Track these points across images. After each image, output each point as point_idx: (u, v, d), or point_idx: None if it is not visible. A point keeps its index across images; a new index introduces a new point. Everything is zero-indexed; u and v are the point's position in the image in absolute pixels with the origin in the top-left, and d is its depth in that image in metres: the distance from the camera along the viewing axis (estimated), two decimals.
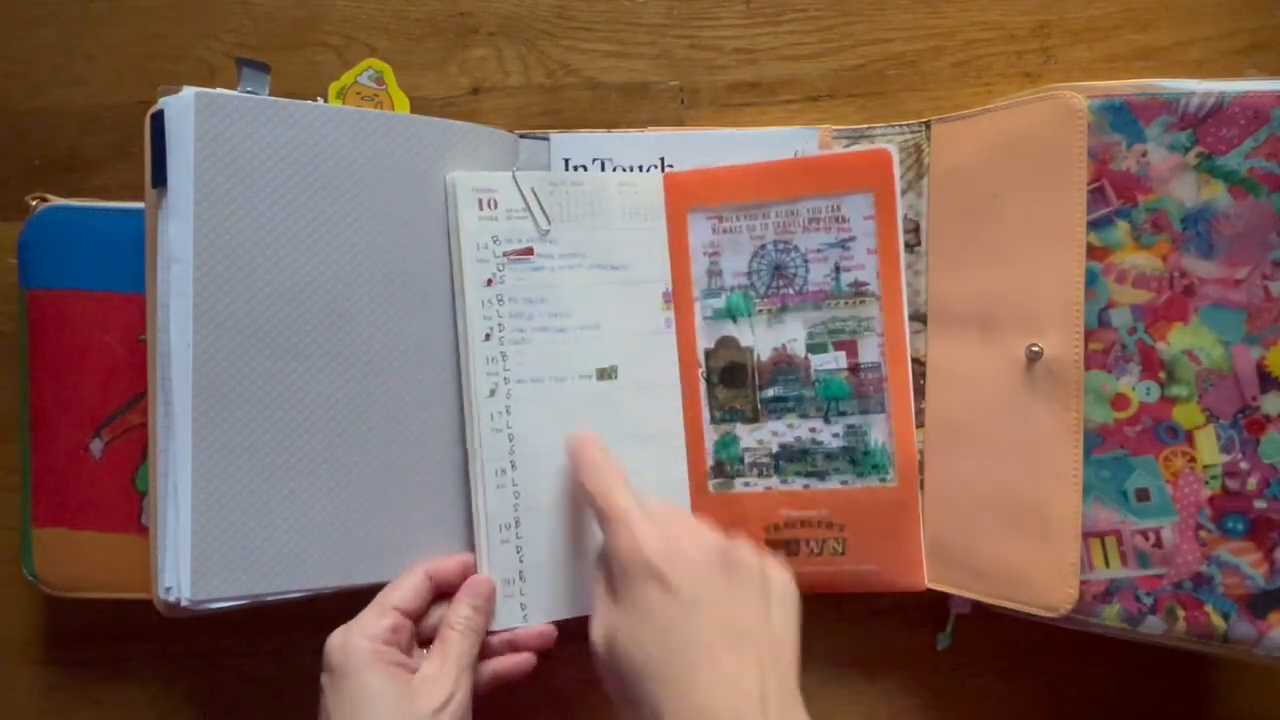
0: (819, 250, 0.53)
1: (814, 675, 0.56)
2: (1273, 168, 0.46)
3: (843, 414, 0.53)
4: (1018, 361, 0.49)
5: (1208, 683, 0.57)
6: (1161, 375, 0.48)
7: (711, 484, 0.55)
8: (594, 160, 0.56)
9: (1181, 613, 0.47)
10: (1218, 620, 0.47)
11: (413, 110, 0.56)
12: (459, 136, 0.52)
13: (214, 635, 0.57)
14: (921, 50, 0.57)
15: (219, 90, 0.46)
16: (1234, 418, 0.47)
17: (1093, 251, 0.48)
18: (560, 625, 0.52)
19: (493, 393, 0.51)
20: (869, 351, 0.53)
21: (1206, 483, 0.47)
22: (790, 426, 0.54)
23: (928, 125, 0.54)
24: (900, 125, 0.55)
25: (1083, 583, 0.48)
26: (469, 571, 0.50)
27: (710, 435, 0.55)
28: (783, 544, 0.54)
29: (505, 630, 0.51)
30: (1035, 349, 0.49)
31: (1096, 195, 0.48)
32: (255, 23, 0.57)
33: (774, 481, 0.54)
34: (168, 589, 0.47)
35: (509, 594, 0.51)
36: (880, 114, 0.57)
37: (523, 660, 0.51)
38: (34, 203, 0.53)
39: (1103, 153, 0.48)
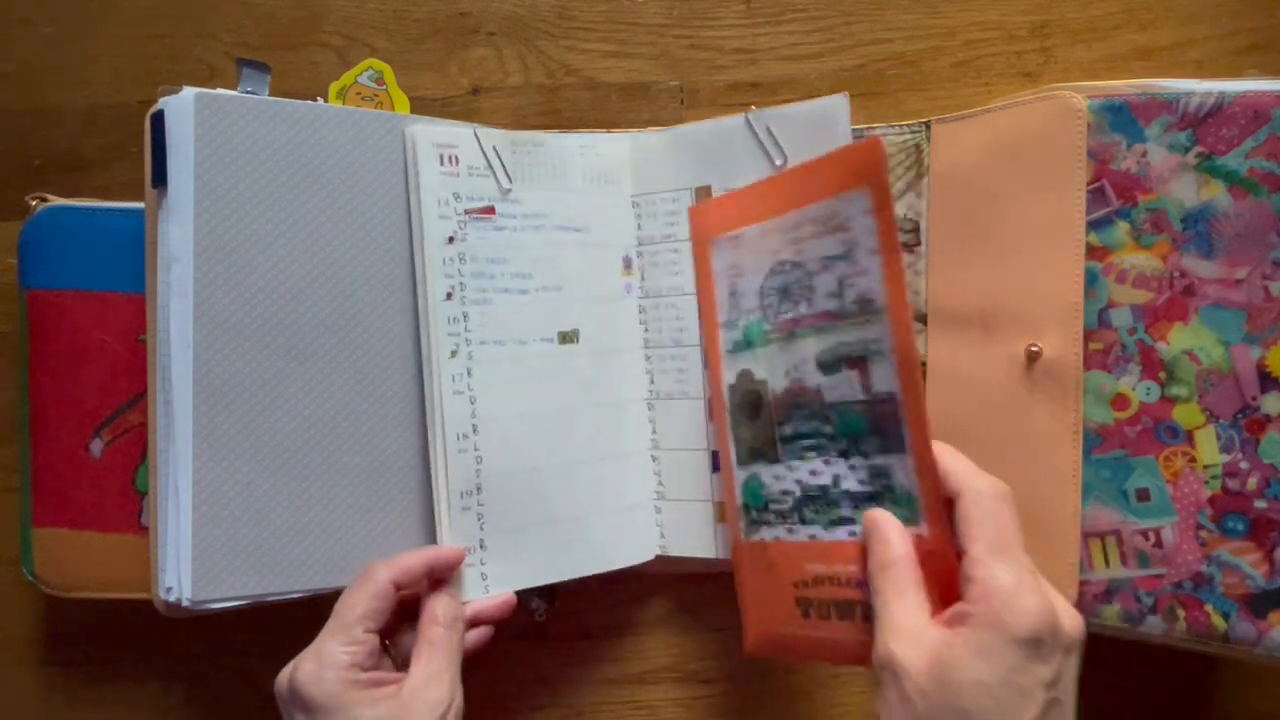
0: (824, 264, 0.45)
1: (814, 675, 0.56)
2: (1273, 168, 0.46)
3: (864, 454, 0.43)
4: (1017, 362, 0.49)
5: (1208, 683, 0.57)
6: (1161, 375, 0.48)
7: (743, 530, 0.49)
8: None
9: (1182, 613, 0.47)
10: (1218, 620, 0.47)
11: (413, 110, 0.56)
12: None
13: (214, 635, 0.57)
14: (921, 50, 0.57)
15: (219, 90, 0.46)
16: (1234, 418, 0.47)
17: (1093, 251, 0.48)
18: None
19: (454, 354, 0.50)
20: (882, 379, 0.42)
21: (1206, 483, 0.47)
22: (814, 471, 0.45)
23: (928, 125, 0.54)
24: (900, 125, 0.55)
25: (1083, 583, 0.48)
26: (435, 563, 0.47)
27: (739, 477, 0.49)
28: (807, 604, 0.45)
29: (466, 603, 0.48)
30: (1035, 349, 0.49)
31: (1096, 195, 0.48)
32: (255, 23, 0.56)
33: (799, 530, 0.46)
34: (168, 589, 0.47)
35: (470, 563, 0.49)
36: (880, 114, 0.57)
37: (483, 634, 0.49)
38: (34, 203, 0.53)
39: (1103, 153, 0.48)
